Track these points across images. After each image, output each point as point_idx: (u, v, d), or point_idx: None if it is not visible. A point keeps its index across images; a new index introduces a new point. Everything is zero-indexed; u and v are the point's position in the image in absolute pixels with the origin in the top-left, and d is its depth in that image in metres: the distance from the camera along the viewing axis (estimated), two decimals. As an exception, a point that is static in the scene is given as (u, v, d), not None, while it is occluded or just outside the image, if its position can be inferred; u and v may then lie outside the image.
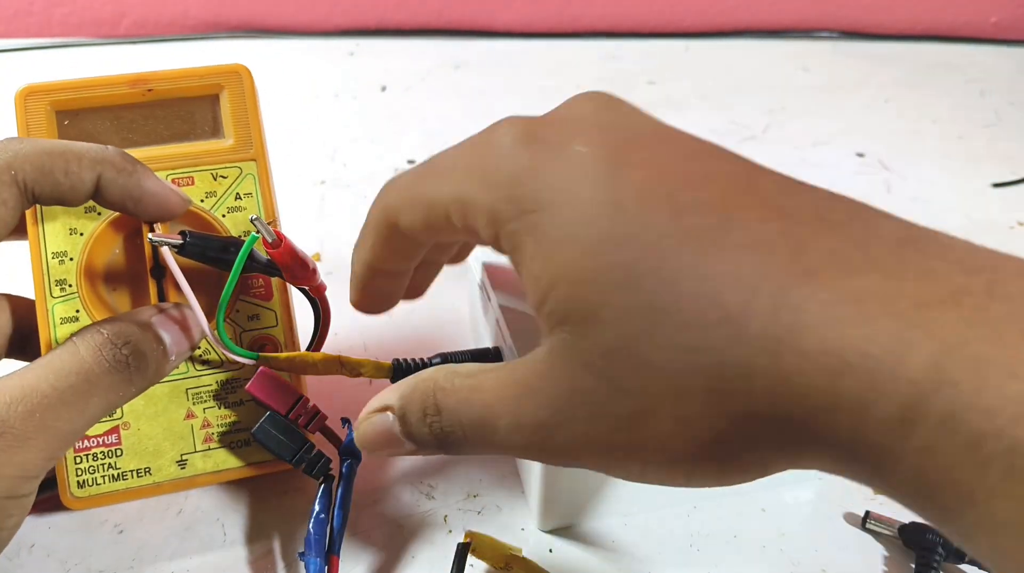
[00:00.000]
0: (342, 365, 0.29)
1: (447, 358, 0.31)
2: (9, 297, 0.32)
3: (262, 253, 0.30)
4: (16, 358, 0.32)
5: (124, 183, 0.28)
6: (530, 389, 0.21)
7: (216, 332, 0.29)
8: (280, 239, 0.28)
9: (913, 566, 0.30)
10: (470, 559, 0.29)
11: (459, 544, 0.29)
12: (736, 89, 0.66)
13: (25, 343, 0.32)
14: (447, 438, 0.23)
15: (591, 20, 0.75)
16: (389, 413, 0.24)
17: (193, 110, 0.32)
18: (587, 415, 0.20)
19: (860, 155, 0.58)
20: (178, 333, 0.28)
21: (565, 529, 0.32)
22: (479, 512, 0.32)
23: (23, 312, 0.32)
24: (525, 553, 0.30)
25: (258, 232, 0.28)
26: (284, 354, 0.30)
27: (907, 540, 0.31)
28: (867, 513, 0.32)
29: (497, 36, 0.74)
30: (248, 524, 0.32)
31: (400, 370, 0.30)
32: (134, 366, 0.26)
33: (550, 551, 0.31)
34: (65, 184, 0.26)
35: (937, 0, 0.74)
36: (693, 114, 0.62)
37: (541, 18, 0.75)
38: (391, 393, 0.25)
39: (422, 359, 0.31)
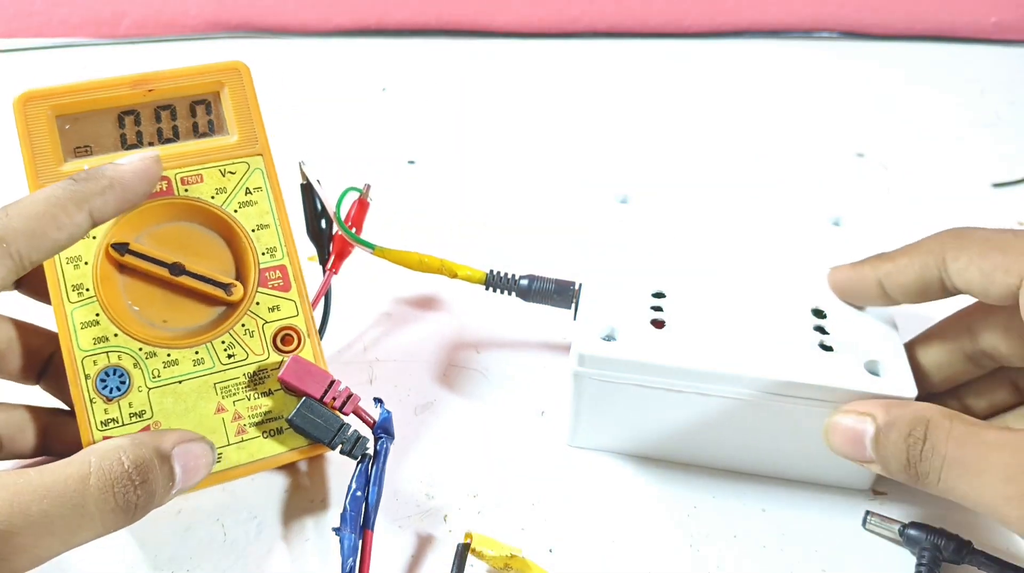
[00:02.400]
0: (443, 266, 0.36)
1: (532, 280, 0.36)
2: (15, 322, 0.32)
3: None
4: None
5: (110, 197, 0.27)
6: None
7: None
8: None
9: (914, 567, 0.30)
10: (470, 559, 0.29)
11: (459, 544, 0.29)
12: (736, 89, 0.66)
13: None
14: (920, 465, 0.25)
15: (591, 20, 0.75)
16: (869, 419, 0.27)
17: (195, 108, 0.32)
18: None
19: (860, 155, 0.58)
20: (191, 470, 0.27)
21: (567, 526, 0.32)
22: (479, 512, 0.33)
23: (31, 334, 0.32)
24: (525, 553, 0.30)
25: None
26: (396, 250, 0.35)
27: (908, 540, 0.31)
28: (867, 513, 0.32)
29: (497, 36, 0.74)
30: (248, 524, 0.32)
31: (493, 279, 0.37)
32: (140, 507, 0.25)
33: (550, 551, 0.31)
34: (62, 236, 0.26)
35: (937, 0, 0.74)
36: (693, 114, 0.62)
37: (541, 18, 0.74)
38: (878, 405, 0.27)
39: (513, 275, 0.37)
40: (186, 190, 0.32)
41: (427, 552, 0.31)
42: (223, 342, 0.31)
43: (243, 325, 0.31)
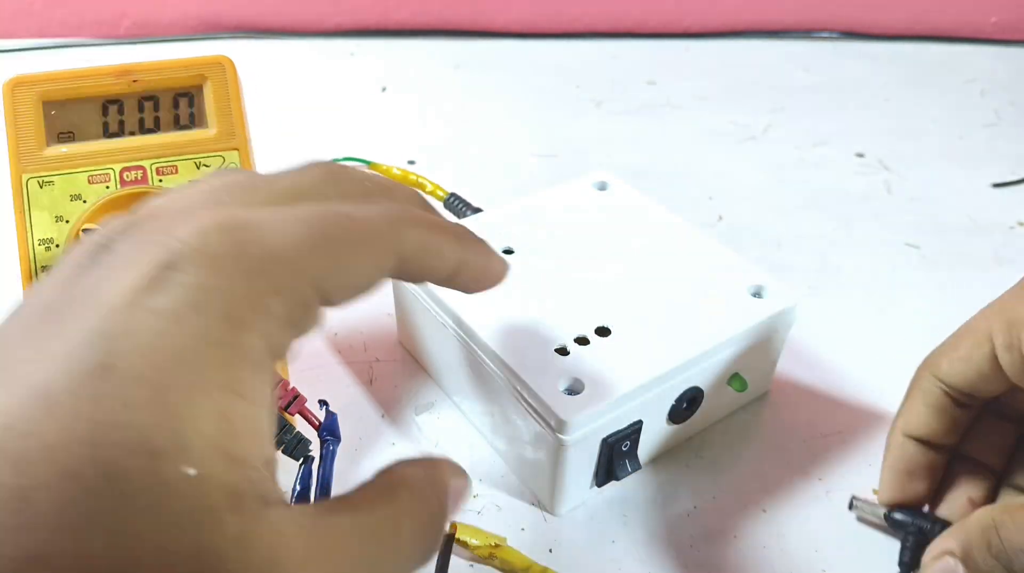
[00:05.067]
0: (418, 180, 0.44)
1: None
2: None
3: None
4: None
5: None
6: None
7: None
8: None
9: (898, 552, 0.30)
10: (456, 549, 0.30)
11: (444, 535, 0.29)
12: (736, 89, 0.66)
13: None
14: (1012, 566, 0.26)
15: (591, 20, 0.75)
16: (949, 557, 0.27)
17: (179, 100, 0.33)
18: None
19: (860, 155, 0.58)
20: (457, 507, 0.22)
21: (567, 527, 0.32)
22: (479, 512, 0.32)
23: None
24: (525, 552, 0.30)
25: None
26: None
27: (893, 524, 0.31)
28: (853, 498, 0.32)
29: (497, 36, 0.74)
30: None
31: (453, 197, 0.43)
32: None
33: (550, 551, 0.31)
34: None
35: (937, 0, 0.74)
36: (693, 114, 0.62)
37: (541, 18, 0.75)
38: (949, 538, 0.28)
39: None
40: (160, 181, 0.32)
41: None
42: None
43: None
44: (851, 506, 0.32)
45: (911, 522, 0.30)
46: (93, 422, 0.15)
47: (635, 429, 0.31)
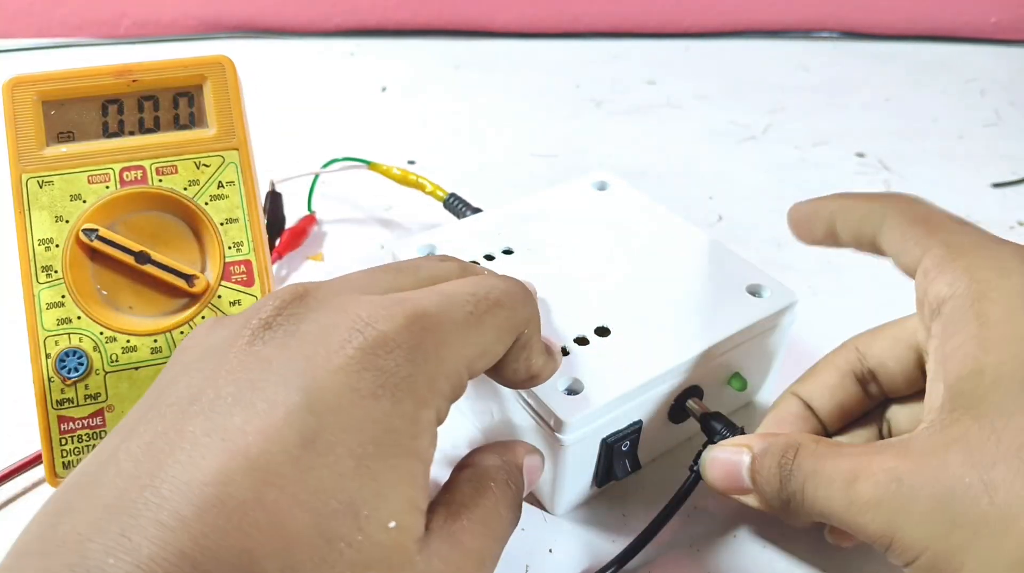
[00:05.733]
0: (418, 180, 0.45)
1: None
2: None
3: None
4: None
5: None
6: (914, 468, 0.23)
7: None
8: None
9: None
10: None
11: None
12: (736, 89, 0.66)
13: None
14: (788, 486, 0.25)
15: (591, 20, 0.75)
16: (745, 450, 0.27)
17: (179, 100, 0.33)
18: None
19: (860, 155, 0.58)
20: (532, 482, 0.27)
21: (566, 527, 0.32)
22: (479, 512, 0.32)
23: None
24: (525, 552, 0.30)
25: None
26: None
27: (707, 428, 0.31)
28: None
29: (497, 36, 0.74)
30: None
31: (453, 197, 0.43)
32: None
33: (550, 551, 0.31)
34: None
35: (937, 0, 0.74)
36: (693, 114, 0.62)
37: (541, 18, 0.75)
38: (754, 437, 0.28)
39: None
40: (160, 180, 0.32)
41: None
42: (182, 333, 0.31)
43: (203, 317, 0.32)
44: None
45: (722, 425, 0.30)
46: (310, 491, 0.18)
47: (635, 429, 0.31)
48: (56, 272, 0.30)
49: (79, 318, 0.30)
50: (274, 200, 0.45)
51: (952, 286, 0.25)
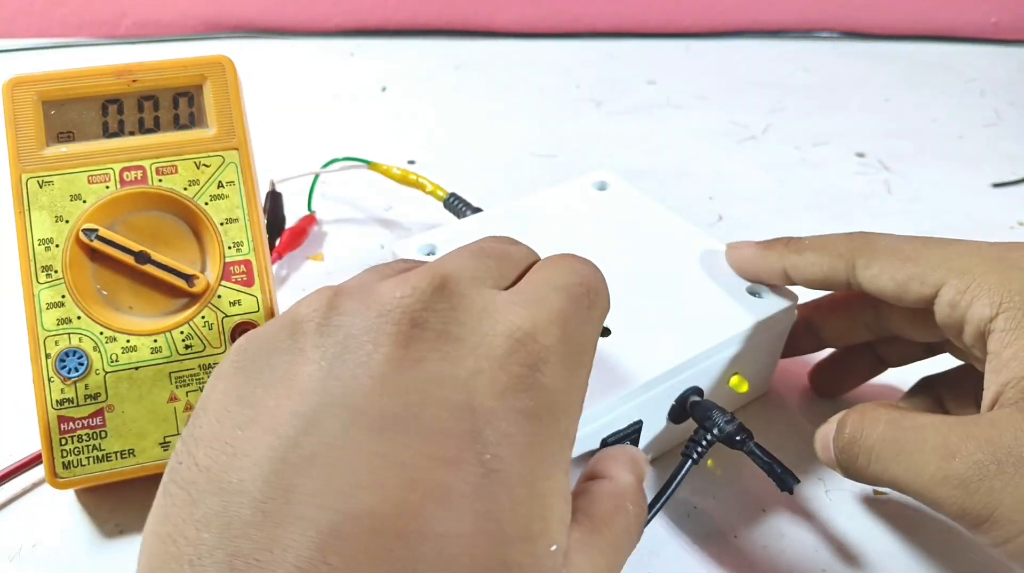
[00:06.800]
0: (418, 180, 0.45)
1: None
2: None
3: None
4: None
5: None
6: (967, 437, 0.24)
7: None
8: None
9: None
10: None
11: None
12: (736, 89, 0.66)
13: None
14: (853, 448, 0.27)
15: (591, 20, 0.75)
16: (835, 423, 0.29)
17: (179, 100, 0.33)
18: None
19: (860, 155, 0.58)
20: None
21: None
22: (479, 512, 0.32)
23: None
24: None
25: None
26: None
27: (693, 409, 0.31)
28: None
29: (497, 36, 0.74)
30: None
31: (453, 197, 0.43)
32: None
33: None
34: None
35: (937, 0, 0.74)
36: (693, 114, 0.62)
37: (541, 18, 0.75)
38: (849, 411, 0.29)
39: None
40: (160, 180, 0.32)
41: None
42: (182, 333, 0.31)
43: (203, 317, 0.31)
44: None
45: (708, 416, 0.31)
46: (490, 520, 0.18)
47: (635, 429, 0.31)
48: (56, 272, 0.30)
49: (79, 318, 0.30)
50: (274, 200, 0.45)
51: (993, 306, 0.26)
